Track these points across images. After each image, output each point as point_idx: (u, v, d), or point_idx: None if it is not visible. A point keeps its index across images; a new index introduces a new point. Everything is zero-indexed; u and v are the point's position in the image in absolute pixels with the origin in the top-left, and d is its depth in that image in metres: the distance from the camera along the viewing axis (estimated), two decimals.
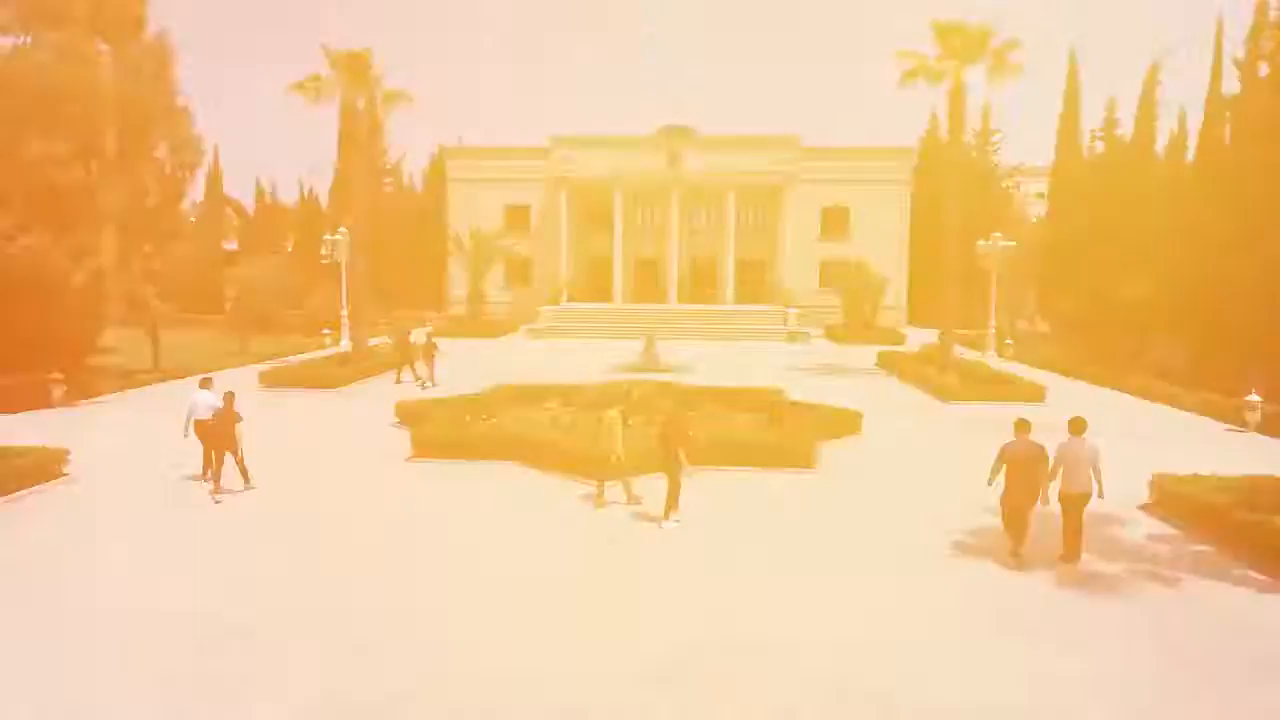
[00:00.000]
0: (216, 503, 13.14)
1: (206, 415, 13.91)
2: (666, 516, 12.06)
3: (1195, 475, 13.30)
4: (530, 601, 9.47)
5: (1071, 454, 10.65)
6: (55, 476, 14.10)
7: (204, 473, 14.06)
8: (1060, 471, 10.66)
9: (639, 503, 12.92)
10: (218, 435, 13.46)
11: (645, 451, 13.37)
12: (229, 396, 13.75)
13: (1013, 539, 10.86)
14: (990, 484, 10.94)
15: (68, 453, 14.55)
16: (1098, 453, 10.68)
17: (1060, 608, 9.48)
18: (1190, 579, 10.31)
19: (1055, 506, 10.76)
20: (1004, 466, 10.74)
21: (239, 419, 13.49)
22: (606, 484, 13.10)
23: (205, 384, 14.72)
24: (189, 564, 10.50)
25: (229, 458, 13.51)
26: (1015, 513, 10.79)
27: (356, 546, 11.24)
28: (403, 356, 26.65)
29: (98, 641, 8.36)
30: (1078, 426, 10.79)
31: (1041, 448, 10.67)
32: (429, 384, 25.14)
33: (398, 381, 26.00)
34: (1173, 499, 12.84)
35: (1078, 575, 10.37)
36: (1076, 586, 10.03)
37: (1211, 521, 11.82)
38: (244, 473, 13.74)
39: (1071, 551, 10.72)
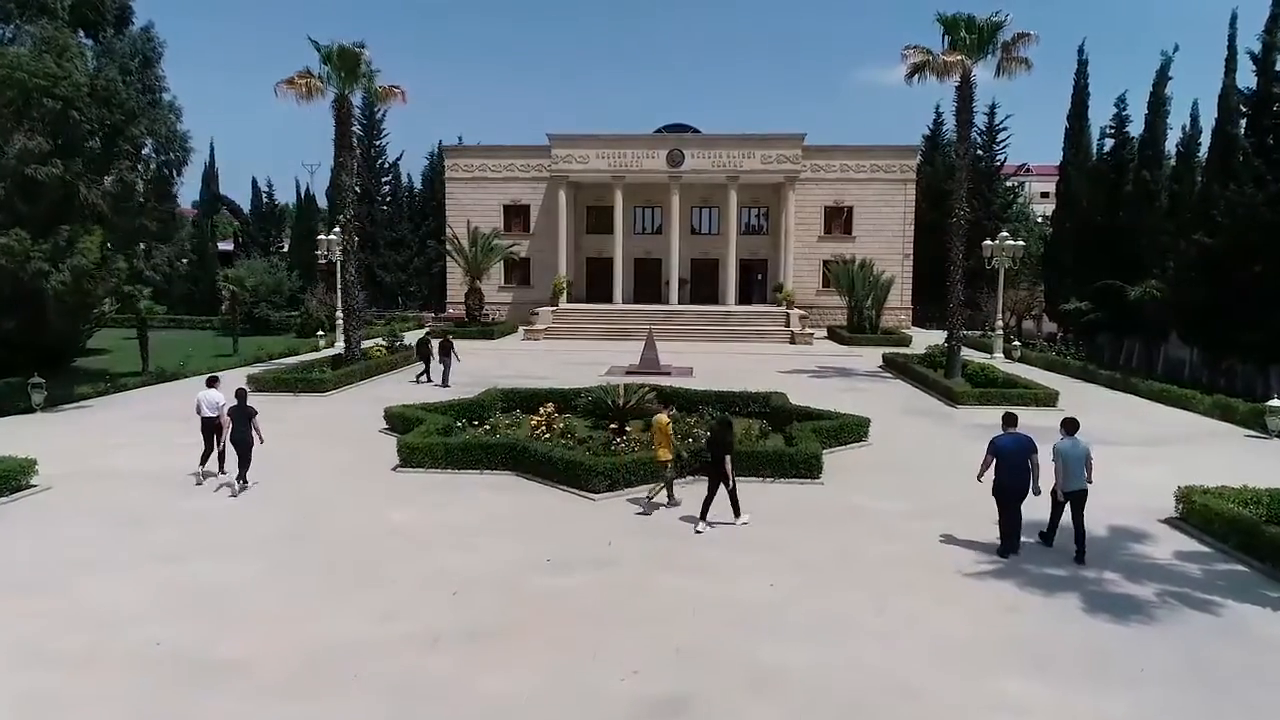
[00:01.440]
0: (233, 496, 13.37)
1: (212, 413, 14.22)
2: (738, 515, 12.15)
3: (1223, 487, 12.60)
4: (528, 617, 8.79)
5: (1068, 453, 10.90)
6: (20, 489, 13.33)
7: (200, 469, 14.37)
8: (1058, 469, 10.90)
9: (678, 504, 12.99)
10: (236, 431, 13.58)
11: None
12: (242, 393, 14.10)
13: (1003, 535, 11.08)
14: (980, 479, 11.12)
15: (35, 463, 13.81)
16: (1090, 451, 11.05)
17: (1084, 636, 8.74)
18: (1224, 601, 9.60)
19: (1046, 500, 11.09)
20: (994, 460, 10.89)
21: (255, 413, 13.73)
22: (661, 486, 13.15)
23: (212, 383, 14.90)
24: (140, 586, 9.77)
25: (232, 451, 13.72)
26: (1005, 502, 10.91)
27: (333, 565, 10.53)
28: (422, 356, 27.23)
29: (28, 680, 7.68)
30: (1071, 427, 11.13)
31: (1029, 439, 11.00)
32: (446, 385, 24.85)
33: (417, 381, 26.51)
34: (1200, 512, 12.11)
35: (1104, 598, 9.66)
36: (1102, 611, 9.30)
37: (1243, 537, 11.12)
38: (241, 474, 13.65)
39: (1079, 550, 10.85)
